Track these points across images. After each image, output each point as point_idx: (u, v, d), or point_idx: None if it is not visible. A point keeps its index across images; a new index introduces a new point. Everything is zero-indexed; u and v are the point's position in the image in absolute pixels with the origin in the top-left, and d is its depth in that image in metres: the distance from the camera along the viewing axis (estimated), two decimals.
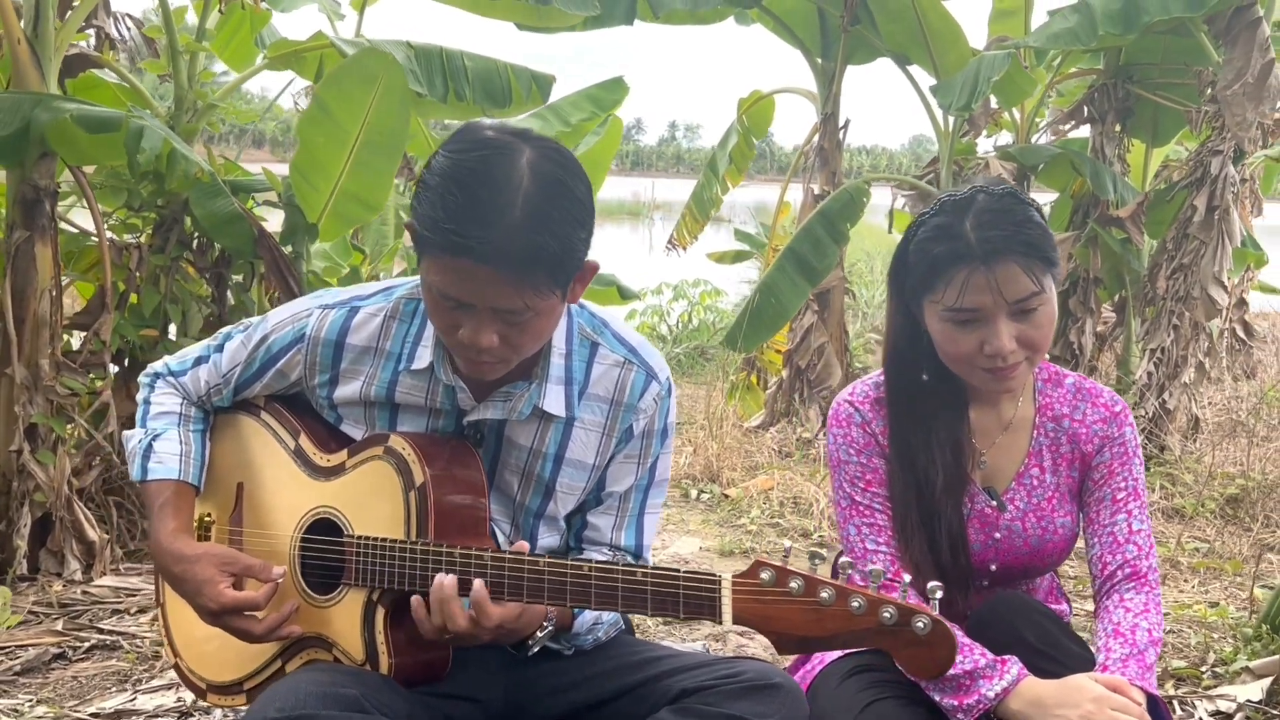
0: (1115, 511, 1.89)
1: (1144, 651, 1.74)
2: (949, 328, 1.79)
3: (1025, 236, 1.74)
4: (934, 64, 5.53)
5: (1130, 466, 1.91)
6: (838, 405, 1.96)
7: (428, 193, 1.55)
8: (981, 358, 1.78)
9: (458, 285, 1.55)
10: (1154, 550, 1.88)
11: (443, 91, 3.96)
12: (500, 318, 1.57)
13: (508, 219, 1.50)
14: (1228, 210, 5.21)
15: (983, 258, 1.73)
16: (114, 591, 3.00)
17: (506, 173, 1.53)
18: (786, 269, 5.56)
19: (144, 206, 3.55)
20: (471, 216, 1.50)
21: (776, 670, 1.72)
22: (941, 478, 1.86)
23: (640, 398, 1.81)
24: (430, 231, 1.53)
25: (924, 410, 1.89)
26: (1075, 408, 1.95)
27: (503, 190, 1.51)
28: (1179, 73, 5.41)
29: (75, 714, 2.26)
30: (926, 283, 1.80)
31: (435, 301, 1.61)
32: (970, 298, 1.74)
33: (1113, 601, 1.84)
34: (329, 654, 1.76)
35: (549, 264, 1.54)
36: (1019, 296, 1.75)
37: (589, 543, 1.86)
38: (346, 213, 3.59)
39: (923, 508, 1.86)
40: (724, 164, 6.75)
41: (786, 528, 4.10)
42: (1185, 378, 5.39)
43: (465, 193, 1.51)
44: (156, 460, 1.88)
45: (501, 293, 1.54)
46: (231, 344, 1.92)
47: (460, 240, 1.50)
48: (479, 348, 1.59)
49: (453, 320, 1.60)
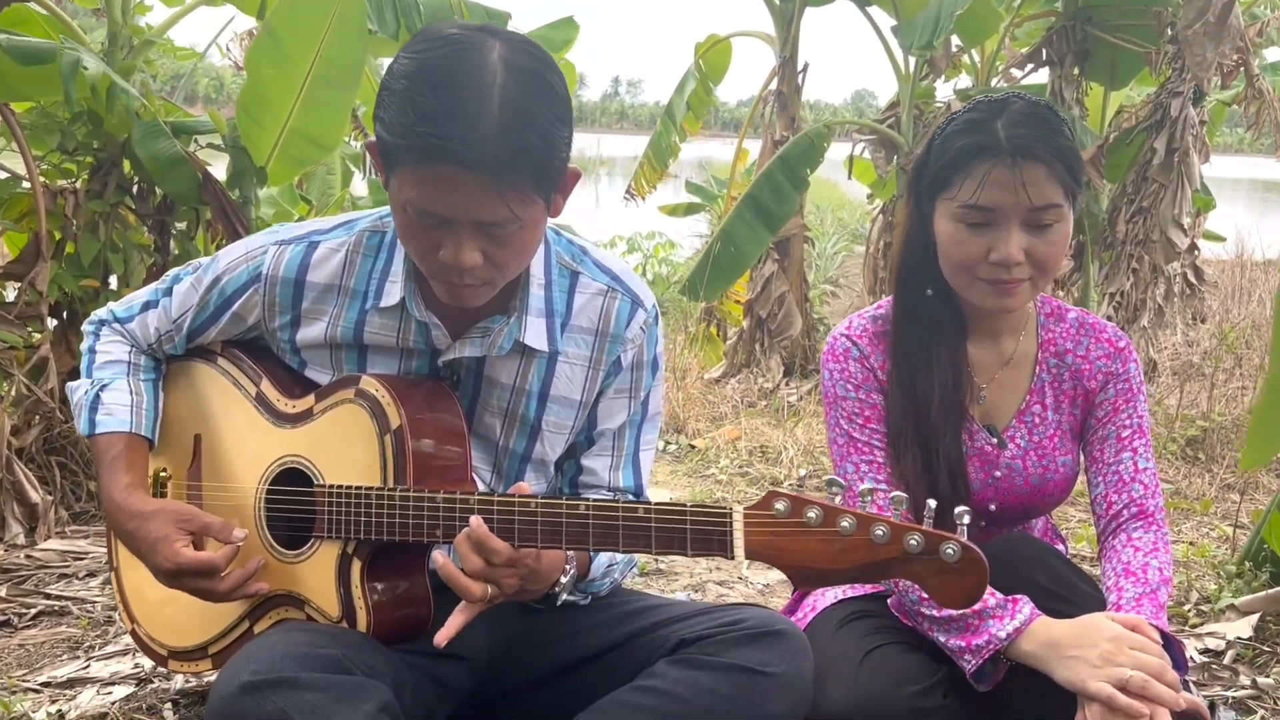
0: (1120, 450, 1.83)
1: (1156, 590, 1.68)
2: (959, 229, 1.71)
3: (1058, 143, 1.67)
4: (894, 4, 5.43)
5: (1135, 404, 1.85)
6: (834, 339, 1.87)
7: (393, 98, 1.41)
8: (985, 266, 1.70)
9: (436, 197, 1.41)
10: (1159, 489, 1.82)
11: (394, 28, 3.80)
12: (483, 232, 1.45)
13: (486, 117, 1.37)
14: (1187, 152, 5.20)
15: (1010, 153, 1.65)
16: (60, 555, 2.84)
17: (479, 68, 1.39)
18: (746, 216, 5.47)
19: (79, 149, 3.33)
20: (447, 117, 1.37)
21: (779, 616, 1.64)
22: (939, 399, 1.78)
23: (626, 327, 1.71)
24: (401, 139, 1.40)
25: (926, 332, 1.81)
26: (1079, 343, 1.87)
27: (477, 87, 1.38)
28: (1137, 14, 5.36)
29: (25, 684, 2.12)
30: (945, 177, 1.71)
31: (410, 222, 1.47)
32: (989, 194, 1.66)
33: (1120, 541, 1.78)
34: (301, 612, 1.65)
35: (534, 165, 1.41)
36: (1040, 203, 1.66)
37: (585, 487, 1.76)
38: (298, 153, 3.39)
39: (920, 430, 1.78)
40: (681, 112, 6.60)
41: (756, 476, 4.04)
42: (1144, 321, 5.40)
43: (437, 92, 1.38)
44: (105, 412, 1.76)
45: (485, 201, 1.41)
46: (181, 287, 1.78)
47: (437, 143, 1.37)
48: (462, 268, 1.46)
49: (431, 241, 1.47)
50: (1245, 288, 8.67)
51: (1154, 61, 5.27)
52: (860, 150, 6.12)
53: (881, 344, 1.85)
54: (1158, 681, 1.51)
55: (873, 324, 1.87)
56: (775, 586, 2.92)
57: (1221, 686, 2.32)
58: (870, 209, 6.87)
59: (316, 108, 3.30)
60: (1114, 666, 1.53)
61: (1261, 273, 9.54)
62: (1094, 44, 5.56)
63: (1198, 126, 5.24)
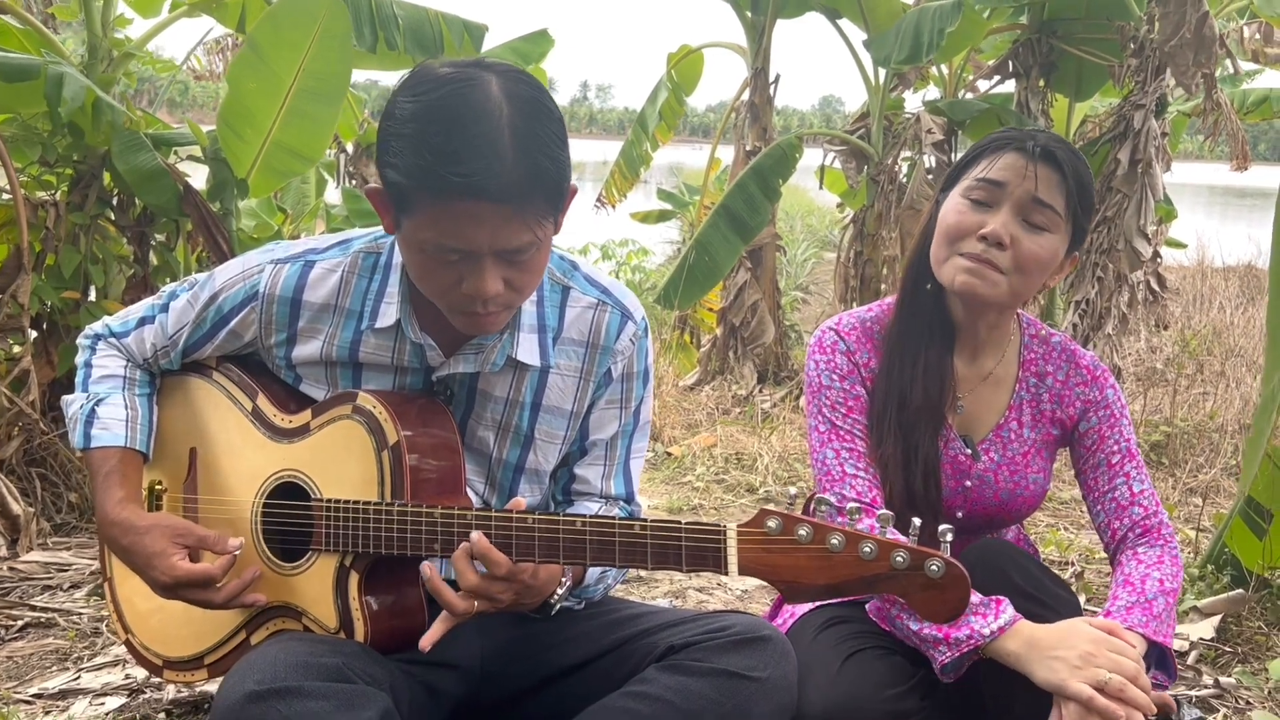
0: (1113, 476, 1.89)
1: (1152, 600, 1.73)
2: (962, 204, 1.82)
3: (1077, 166, 1.81)
4: (864, 18, 5.52)
5: (1119, 428, 1.91)
6: (822, 333, 1.94)
7: (404, 143, 1.44)
8: (972, 240, 1.79)
9: (459, 233, 1.45)
10: (1160, 506, 1.88)
11: (371, 41, 3.82)
12: (503, 261, 1.49)
13: (500, 149, 1.41)
14: (1150, 163, 5.31)
15: (1033, 148, 1.80)
16: (43, 567, 2.85)
17: (483, 103, 1.43)
18: (720, 226, 5.54)
19: (59, 161, 3.35)
20: (465, 154, 1.41)
21: (765, 623, 1.69)
22: (921, 396, 1.86)
23: (616, 339, 1.76)
24: (420, 181, 1.43)
25: (918, 334, 1.89)
26: (1059, 367, 1.95)
27: (488, 121, 1.42)
28: (1101, 27, 5.47)
29: (17, 695, 2.14)
30: (971, 158, 1.86)
31: (427, 261, 1.50)
32: (1002, 171, 1.80)
33: (1126, 556, 1.84)
34: (298, 623, 1.68)
35: (548, 188, 1.46)
36: (1043, 199, 1.78)
37: (578, 495, 1.81)
38: (280, 165, 3.41)
39: (901, 420, 1.86)
40: (654, 121, 6.67)
41: (732, 483, 4.10)
42: (1109, 328, 5.51)
43: (450, 132, 1.42)
44: (100, 426, 1.78)
45: (507, 230, 1.45)
46: (177, 303, 1.81)
47: (461, 180, 1.40)
48: (485, 297, 1.50)
49: (452, 278, 1.50)
50: (1206, 295, 8.84)
51: (1117, 74, 5.39)
52: (831, 160, 6.21)
53: (869, 342, 1.92)
54: (1133, 685, 1.58)
55: (861, 323, 1.94)
56: (753, 592, 2.98)
57: (1185, 686, 2.40)
58: (841, 218, 6.95)
59: (299, 120, 3.33)
60: (1093, 668, 1.58)
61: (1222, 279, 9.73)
62: (1059, 56, 5.68)
63: (1160, 138, 5.36)
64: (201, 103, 19.36)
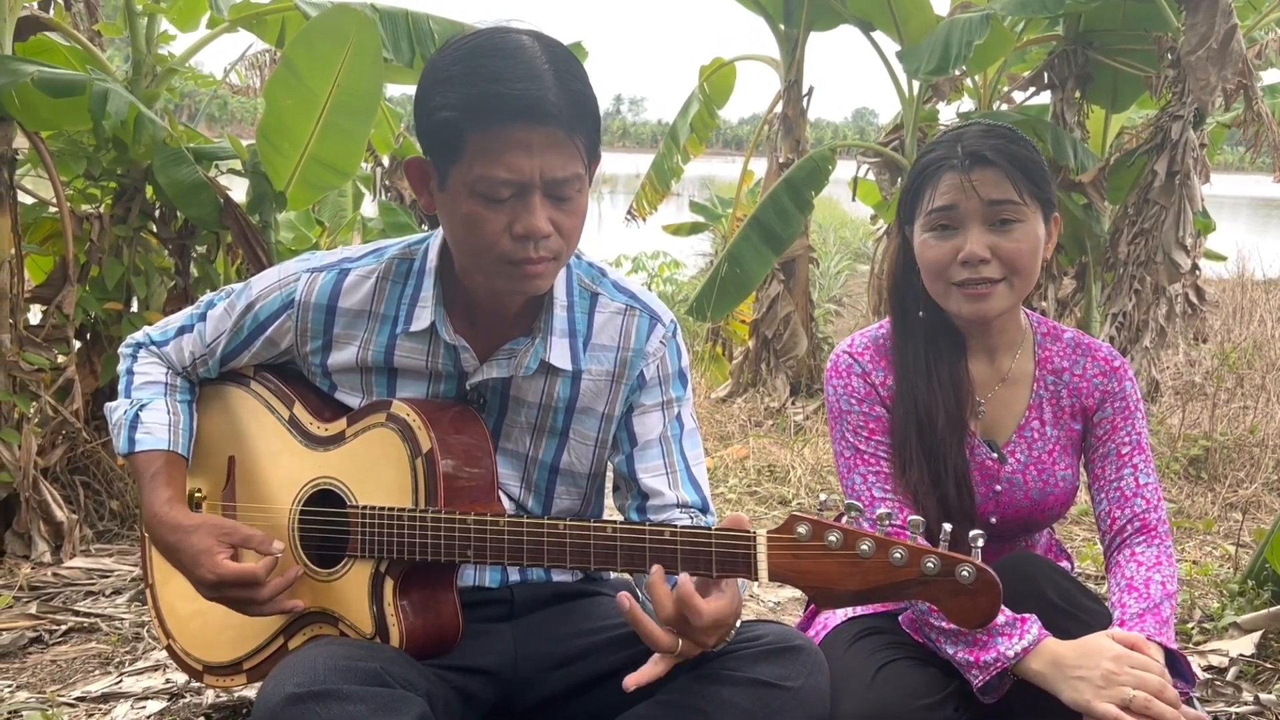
0: (1120, 466, 1.89)
1: (1159, 605, 1.73)
2: (929, 237, 1.83)
3: (1011, 151, 1.80)
4: (898, 30, 5.51)
5: (1132, 420, 1.92)
6: (836, 357, 1.95)
7: (448, 84, 1.52)
8: (956, 268, 1.80)
9: (510, 162, 1.50)
10: (1163, 503, 1.88)
11: (409, 56, 3.86)
12: (550, 200, 1.54)
13: (542, 74, 1.50)
14: (1188, 175, 5.27)
15: (962, 158, 1.79)
16: (86, 573, 2.90)
17: (519, 41, 1.54)
18: (752, 238, 5.55)
19: (104, 175, 3.42)
20: (510, 76, 1.49)
21: (797, 633, 1.69)
22: (943, 416, 1.85)
23: (646, 341, 1.78)
24: (471, 108, 1.49)
25: (925, 351, 1.89)
26: (1075, 361, 1.94)
27: (525, 54, 1.52)
28: (1138, 38, 5.44)
29: (60, 699, 2.18)
30: (917, 193, 1.86)
31: (476, 211, 1.54)
32: (945, 196, 1.80)
33: (1124, 556, 1.83)
34: (334, 629, 1.71)
35: (590, 113, 1.55)
36: (996, 198, 1.78)
37: (655, 510, 1.79)
38: (316, 179, 3.47)
39: (924, 443, 1.85)
40: (685, 134, 6.70)
41: (764, 496, 4.09)
42: (1146, 341, 5.46)
43: (491, 61, 1.51)
44: (144, 431, 1.81)
45: (555, 155, 1.51)
46: (215, 312, 1.85)
47: (510, 95, 1.48)
48: (537, 235, 1.54)
49: (501, 223, 1.54)
50: (1246, 307, 8.72)
51: (1154, 85, 5.34)
52: (864, 172, 6.20)
53: (883, 360, 1.92)
54: (1158, 699, 1.57)
55: (874, 342, 1.94)
56: (786, 604, 2.98)
57: (1225, 703, 2.37)
58: (874, 229, 6.94)
59: (334, 135, 3.38)
60: (1117, 686, 1.57)
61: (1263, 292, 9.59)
62: (1095, 68, 5.65)
63: (1198, 149, 5.31)
64: (240, 117, 19.58)
